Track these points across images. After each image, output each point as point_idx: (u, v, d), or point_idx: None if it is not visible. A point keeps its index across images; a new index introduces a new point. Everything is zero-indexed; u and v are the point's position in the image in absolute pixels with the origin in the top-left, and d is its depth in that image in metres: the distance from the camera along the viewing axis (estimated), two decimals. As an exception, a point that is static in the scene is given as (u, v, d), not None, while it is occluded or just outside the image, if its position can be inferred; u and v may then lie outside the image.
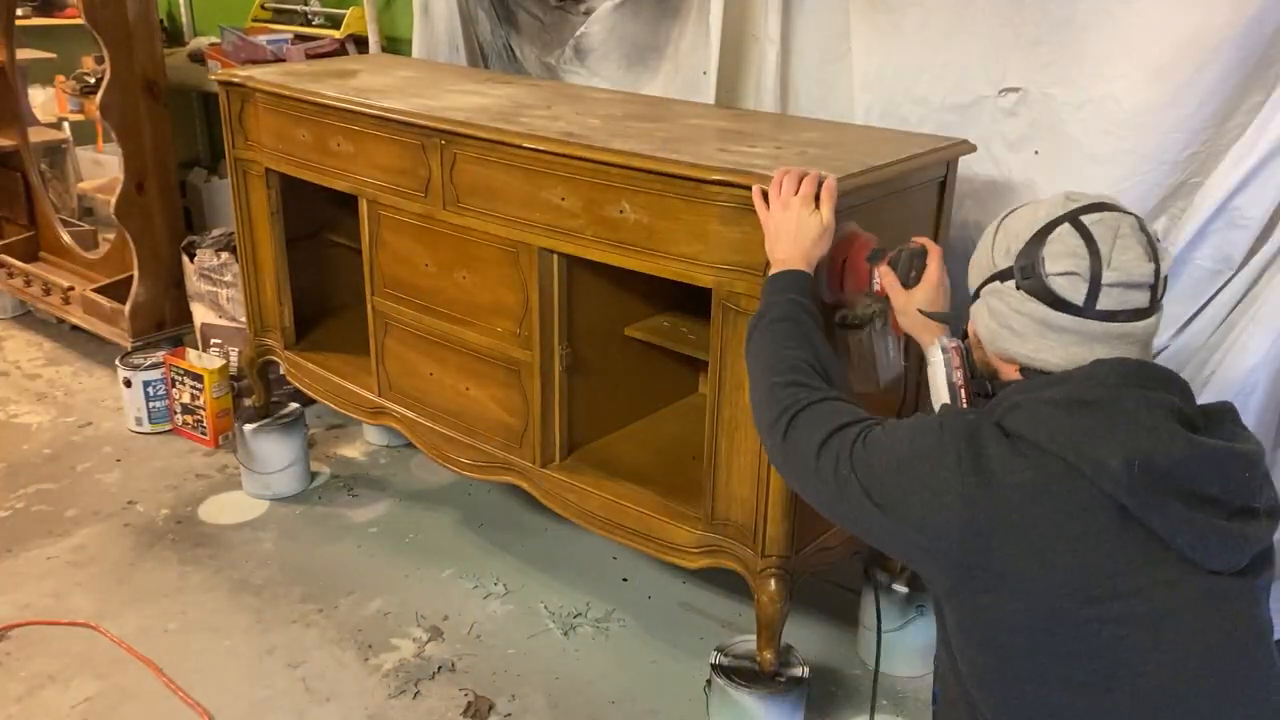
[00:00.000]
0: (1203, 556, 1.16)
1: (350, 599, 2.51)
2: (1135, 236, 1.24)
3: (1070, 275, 1.23)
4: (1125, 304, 1.23)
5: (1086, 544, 1.16)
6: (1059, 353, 1.25)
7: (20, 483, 2.99)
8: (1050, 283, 1.24)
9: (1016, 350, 1.29)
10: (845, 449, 1.32)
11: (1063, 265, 1.23)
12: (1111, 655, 1.15)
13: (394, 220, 2.33)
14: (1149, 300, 1.24)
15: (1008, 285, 1.29)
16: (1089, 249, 1.23)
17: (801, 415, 1.41)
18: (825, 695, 2.22)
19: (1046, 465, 1.17)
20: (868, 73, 2.38)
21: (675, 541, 2.05)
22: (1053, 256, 1.24)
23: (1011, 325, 1.28)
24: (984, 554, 1.18)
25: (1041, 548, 1.16)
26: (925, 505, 1.22)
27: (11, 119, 3.85)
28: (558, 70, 2.98)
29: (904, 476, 1.25)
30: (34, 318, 4.10)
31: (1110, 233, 1.24)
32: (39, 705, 2.18)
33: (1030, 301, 1.26)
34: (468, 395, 2.32)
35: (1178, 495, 1.15)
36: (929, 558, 1.24)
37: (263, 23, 3.89)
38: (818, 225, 1.63)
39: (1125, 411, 1.18)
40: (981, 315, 1.34)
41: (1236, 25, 1.85)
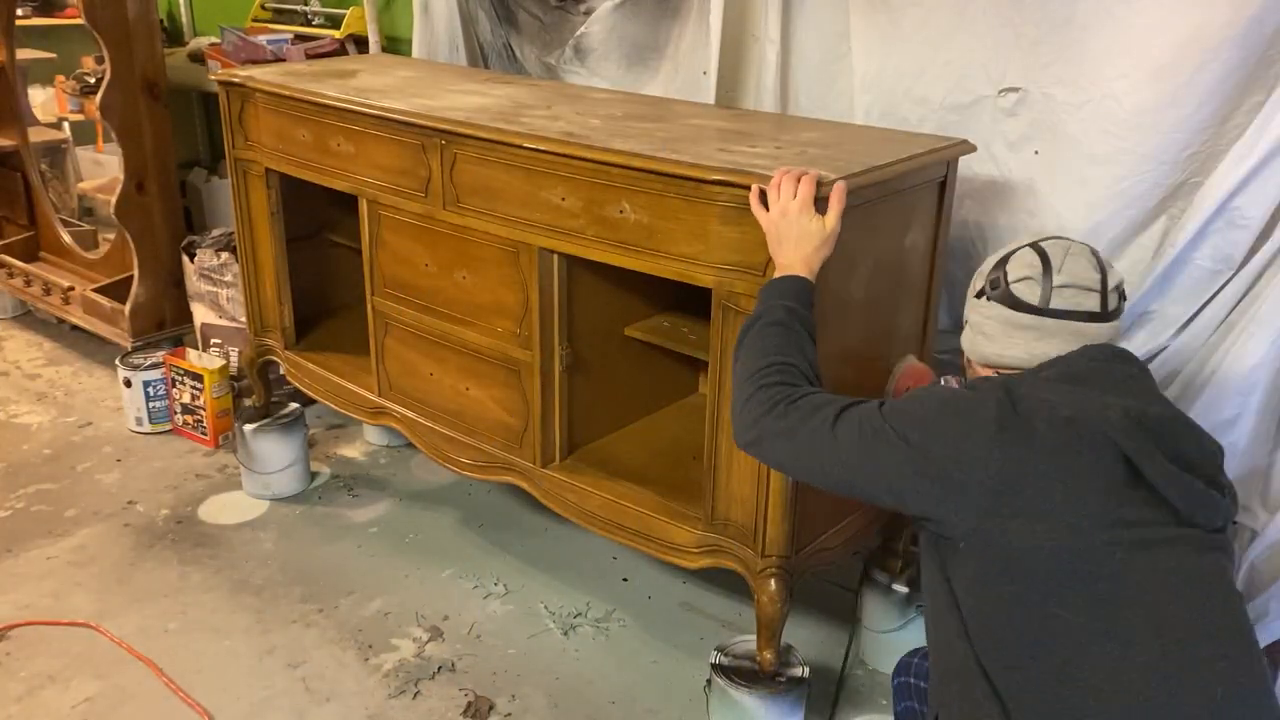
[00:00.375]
0: (1186, 508, 1.31)
1: (350, 599, 2.51)
2: (1084, 254, 1.48)
3: (1027, 280, 1.46)
4: (1077, 305, 1.44)
5: (1100, 477, 1.30)
6: (1023, 349, 1.46)
7: (20, 483, 2.99)
8: (1012, 289, 1.48)
9: (989, 351, 1.51)
10: (872, 410, 1.43)
11: (1021, 273, 1.48)
12: (1122, 576, 1.28)
13: (394, 220, 2.33)
14: (1100, 305, 1.45)
15: (981, 300, 1.52)
16: (1042, 260, 1.47)
17: (799, 402, 1.49)
18: (825, 695, 2.22)
19: (1059, 414, 1.33)
20: (868, 73, 2.38)
21: (675, 541, 2.05)
22: (1013, 268, 1.49)
23: (985, 330, 1.51)
24: (1018, 479, 1.30)
25: (1066, 475, 1.30)
26: (965, 438, 1.34)
27: (11, 119, 3.85)
28: (558, 70, 2.98)
29: (947, 415, 1.38)
30: (34, 318, 4.11)
31: (1062, 249, 1.48)
32: (39, 705, 2.18)
33: (997, 307, 1.49)
34: (468, 395, 2.32)
35: (1164, 450, 1.30)
36: (960, 492, 1.33)
37: (263, 23, 3.89)
38: (819, 232, 1.65)
39: (1114, 380, 1.39)
40: (966, 332, 1.56)
41: (1236, 25, 1.85)
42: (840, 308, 1.85)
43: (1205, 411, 1.97)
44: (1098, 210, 2.10)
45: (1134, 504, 1.30)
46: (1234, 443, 1.96)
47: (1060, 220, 2.15)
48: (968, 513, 1.33)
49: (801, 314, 1.61)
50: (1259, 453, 2.00)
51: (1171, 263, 2.03)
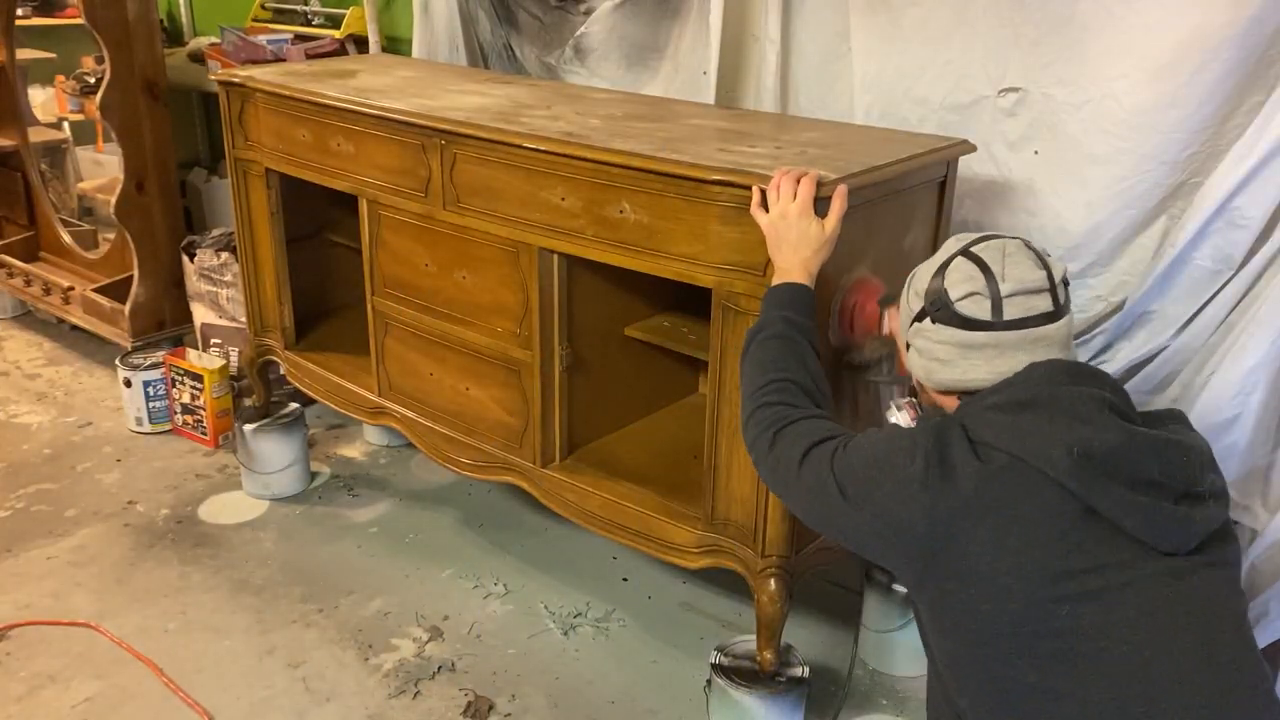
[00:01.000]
0: (1151, 537, 1.23)
1: (350, 599, 2.51)
2: (1022, 253, 1.39)
3: (973, 295, 1.37)
4: (1030, 310, 1.35)
5: (1041, 529, 1.23)
6: (984, 369, 1.37)
7: (20, 483, 2.99)
8: (958, 308, 1.38)
9: (947, 378, 1.41)
10: (826, 457, 1.41)
11: (964, 289, 1.37)
12: (1071, 633, 1.21)
13: (394, 220, 2.33)
14: (1052, 304, 1.36)
15: (925, 323, 1.42)
16: (982, 270, 1.37)
17: (785, 431, 1.49)
18: (825, 695, 2.22)
19: (998, 459, 1.27)
20: (868, 73, 2.38)
21: (675, 541, 2.05)
22: (953, 285, 1.39)
23: (938, 356, 1.41)
24: (946, 541, 1.26)
25: (999, 534, 1.24)
26: (893, 498, 1.30)
27: (11, 119, 3.85)
28: (558, 70, 2.98)
29: (876, 472, 1.34)
30: (34, 318, 4.10)
31: (998, 253, 1.38)
32: (39, 705, 2.18)
33: (946, 329, 1.39)
34: (468, 395, 2.32)
35: (1119, 479, 1.23)
36: (896, 550, 1.32)
37: (263, 23, 3.89)
38: (819, 235, 1.65)
39: (1061, 405, 1.28)
40: (914, 359, 1.47)
41: (1236, 25, 1.85)
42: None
43: (1205, 411, 1.97)
44: (1098, 210, 2.10)
45: (1088, 546, 1.22)
46: (1234, 443, 1.96)
47: (1060, 220, 2.15)
48: (906, 572, 1.32)
49: (800, 323, 1.61)
50: (1259, 453, 1.99)
51: (1171, 263, 2.03)
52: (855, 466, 1.37)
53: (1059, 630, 1.21)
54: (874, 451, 1.37)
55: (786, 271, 1.66)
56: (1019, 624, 1.22)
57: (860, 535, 1.36)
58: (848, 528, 1.38)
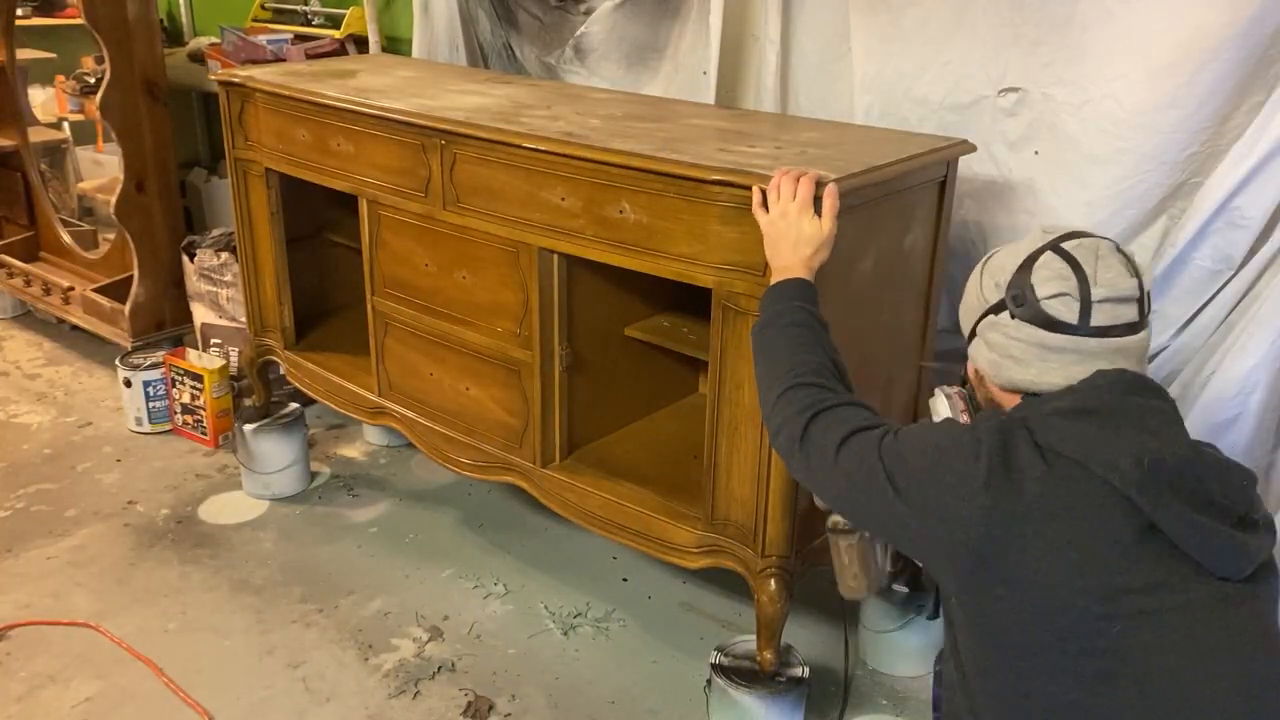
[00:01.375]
0: (1209, 560, 1.18)
1: (350, 599, 2.51)
2: (1115, 256, 1.31)
3: (1062, 296, 1.29)
4: (1117, 319, 1.28)
5: (1100, 541, 1.18)
6: (1060, 373, 1.30)
7: (20, 483, 2.99)
8: (1044, 306, 1.30)
9: (1019, 377, 1.33)
10: (872, 444, 1.35)
11: (1053, 288, 1.29)
12: (1118, 651, 1.17)
13: (394, 220, 2.33)
14: (1138, 314, 1.30)
15: (1002, 317, 1.34)
16: (1074, 271, 1.29)
17: (822, 416, 1.43)
18: (825, 695, 2.22)
19: (1062, 466, 1.21)
20: (868, 73, 2.38)
21: (675, 541, 2.05)
22: (1041, 282, 1.30)
23: (1012, 354, 1.33)
24: (1002, 546, 1.20)
25: (1058, 543, 1.18)
26: (951, 494, 1.24)
27: (11, 119, 3.85)
28: (558, 70, 2.98)
29: (933, 465, 1.27)
30: (34, 318, 4.10)
31: (1091, 254, 1.30)
32: (39, 705, 2.18)
33: (1026, 327, 1.31)
34: (468, 395, 2.32)
35: (1183, 497, 1.18)
36: (945, 550, 1.26)
37: (263, 23, 3.89)
38: (817, 234, 1.63)
39: (1130, 416, 1.23)
40: (981, 351, 1.39)
41: (1236, 25, 1.86)
42: (840, 307, 1.85)
43: (1205, 412, 1.97)
44: (1098, 210, 2.10)
45: (1145, 563, 1.18)
46: (1234, 443, 1.96)
47: (1060, 220, 2.15)
48: (952, 571, 1.26)
49: (817, 314, 1.59)
50: (1259, 453, 2.00)
51: (1172, 263, 2.03)
52: (908, 457, 1.30)
53: (1106, 649, 1.17)
54: (931, 443, 1.30)
55: (788, 269, 1.64)
56: (1067, 638, 1.18)
57: (904, 529, 1.30)
58: (891, 520, 1.31)
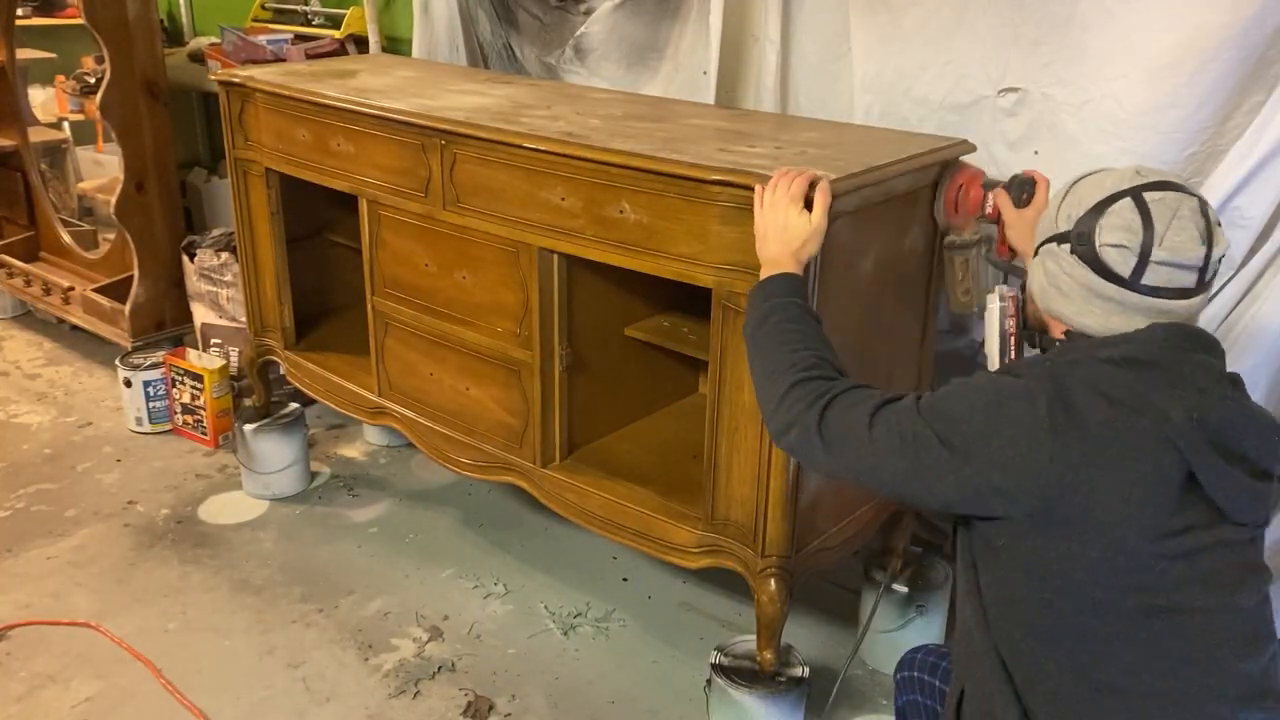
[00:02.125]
0: (1233, 509, 1.24)
1: (350, 599, 2.51)
2: (1193, 219, 1.28)
3: (1121, 248, 1.27)
4: (1171, 282, 1.27)
5: (1156, 484, 1.22)
6: (1099, 319, 1.31)
7: (20, 483, 2.99)
8: (1101, 252, 1.29)
9: (1061, 309, 1.34)
10: (908, 412, 1.34)
11: (1116, 238, 1.28)
12: (1158, 588, 1.24)
13: (394, 220, 2.33)
14: (1196, 282, 1.28)
15: (1063, 248, 1.33)
16: (1144, 225, 1.27)
17: (837, 401, 1.42)
18: (825, 695, 2.21)
19: (1122, 411, 1.24)
20: (868, 73, 2.38)
21: (675, 541, 2.05)
22: (1109, 228, 1.29)
23: (1060, 286, 1.34)
24: (1071, 488, 1.23)
25: (1121, 484, 1.22)
26: (1015, 444, 1.25)
27: (11, 119, 3.85)
28: (558, 70, 2.98)
29: (990, 418, 1.28)
30: (34, 318, 4.10)
31: (1169, 212, 1.28)
32: (39, 705, 2.18)
33: (1080, 267, 1.31)
34: (468, 395, 2.32)
35: (1221, 452, 1.23)
36: (1006, 499, 1.26)
37: (263, 23, 3.89)
38: (805, 227, 1.63)
39: (1181, 372, 1.25)
40: (1037, 272, 1.39)
41: (1236, 25, 1.85)
42: (840, 307, 1.85)
43: (1205, 411, 1.97)
44: (1098, 210, 2.10)
45: (1183, 509, 1.23)
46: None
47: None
48: (1015, 518, 1.27)
49: (810, 309, 1.59)
50: (1259, 452, 1.99)
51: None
52: (957, 415, 1.30)
53: (1149, 585, 1.23)
54: (979, 399, 1.30)
55: (776, 263, 1.63)
56: (1118, 574, 1.23)
57: (964, 486, 1.28)
58: (948, 480, 1.29)
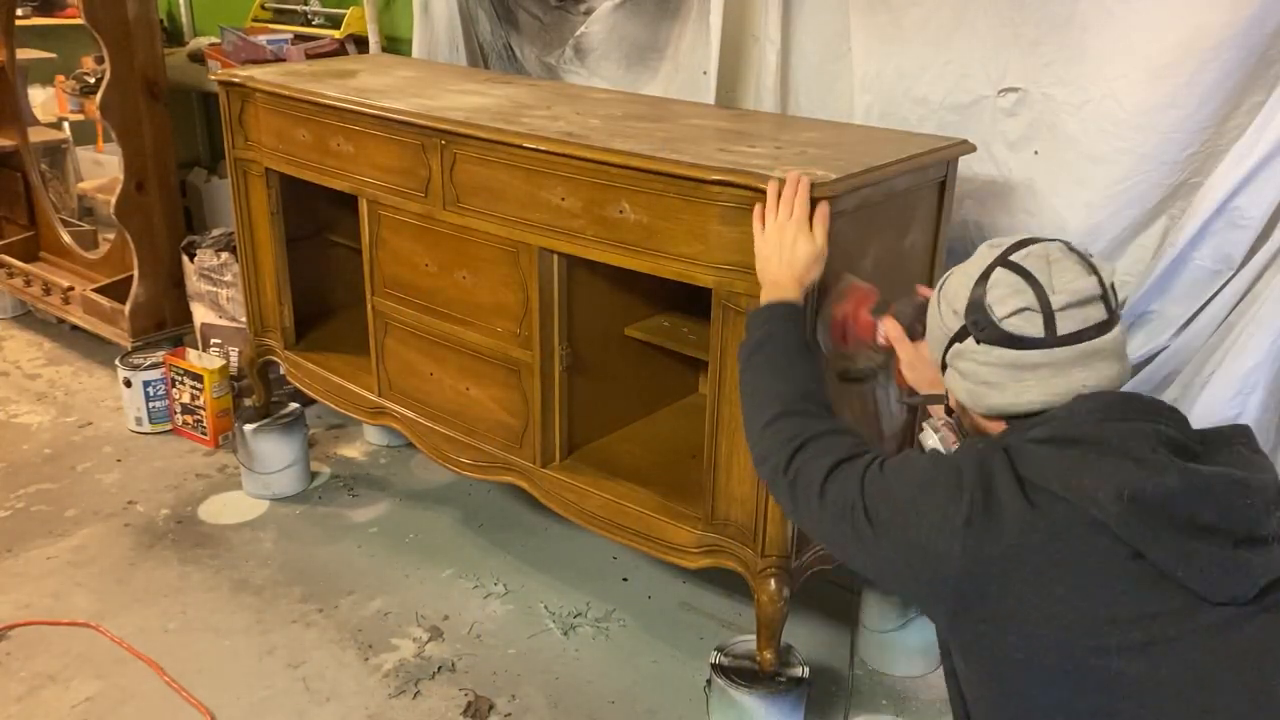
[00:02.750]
0: (1203, 587, 1.12)
1: (350, 599, 2.51)
2: (1068, 258, 1.25)
3: (1022, 312, 1.23)
4: (1085, 321, 1.22)
5: (1085, 574, 1.14)
6: (1038, 390, 1.23)
7: (20, 483, 2.99)
8: (1006, 326, 1.23)
9: (997, 402, 1.27)
10: (856, 475, 1.31)
11: (1011, 305, 1.23)
12: (1113, 688, 1.12)
13: (394, 220, 2.33)
14: (1105, 312, 1.23)
15: (968, 343, 1.28)
16: (1029, 282, 1.23)
17: (808, 446, 1.40)
18: (825, 695, 2.22)
19: (1043, 500, 1.17)
20: (868, 73, 2.38)
21: (675, 541, 2.05)
22: (999, 301, 1.24)
23: (986, 379, 1.27)
24: (983, 584, 1.16)
25: (1043, 580, 1.14)
26: (932, 530, 1.19)
27: (11, 119, 3.85)
28: (558, 70, 2.98)
29: (915, 500, 1.23)
30: (34, 318, 4.10)
31: (1043, 261, 1.24)
32: (39, 705, 2.18)
33: (994, 350, 1.25)
34: (468, 395, 2.32)
35: (1173, 525, 1.12)
36: (929, 587, 1.22)
37: (263, 23, 3.89)
38: (810, 249, 1.62)
39: (1111, 445, 1.17)
40: (955, 381, 1.32)
41: (1236, 25, 1.86)
42: (840, 308, 1.85)
43: (1205, 412, 1.97)
44: (1098, 210, 2.10)
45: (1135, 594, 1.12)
46: (1234, 443, 1.96)
47: (1060, 220, 2.15)
48: (938, 611, 1.23)
49: (802, 335, 1.58)
50: (1259, 453, 1.99)
51: (1172, 263, 2.03)
52: (893, 492, 1.26)
53: (1100, 685, 1.12)
54: (914, 478, 1.26)
55: (779, 286, 1.61)
56: (1058, 676, 1.14)
57: (890, 567, 1.26)
58: (875, 555, 1.27)
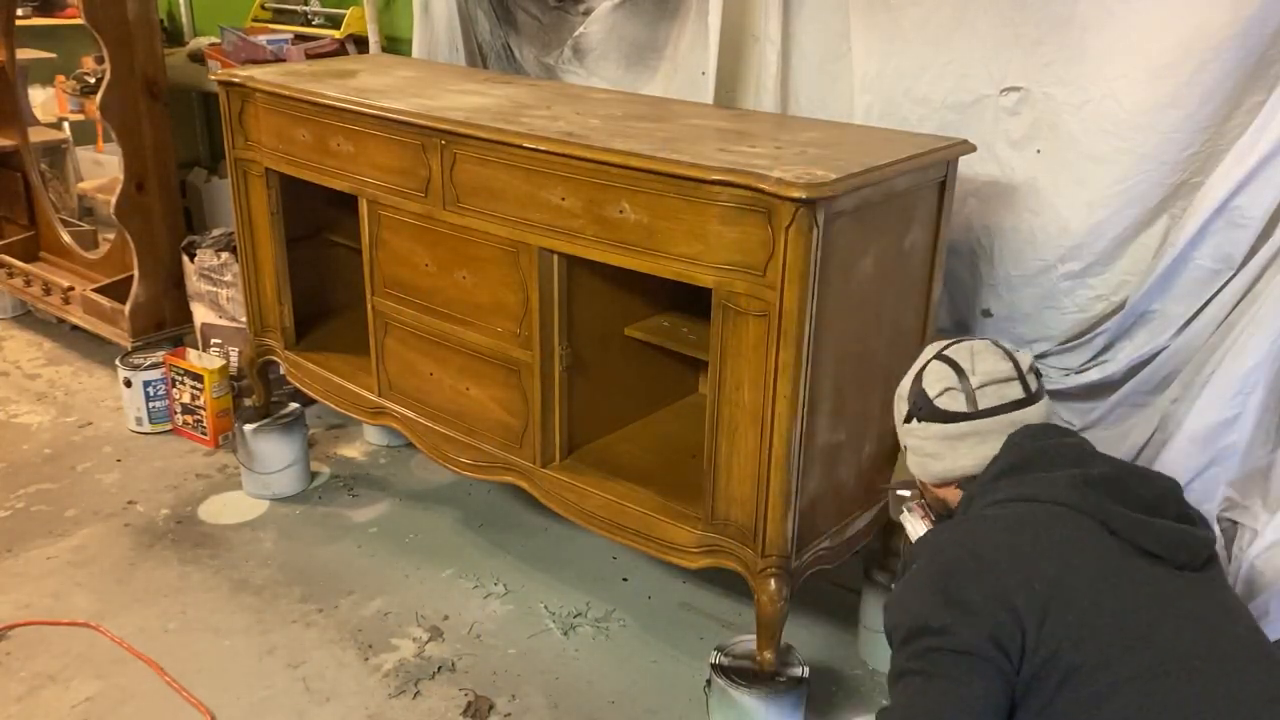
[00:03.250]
0: (1167, 550, 1.33)
1: (350, 599, 2.51)
2: (989, 349, 1.57)
3: (949, 391, 1.55)
4: (1003, 397, 1.52)
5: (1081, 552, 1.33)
6: (969, 456, 1.53)
7: (20, 483, 2.99)
8: (938, 404, 1.55)
9: (939, 468, 1.57)
10: (899, 668, 1.41)
11: (939, 387, 1.56)
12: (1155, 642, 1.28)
13: (394, 220, 2.33)
14: (1023, 390, 1.53)
15: (913, 424, 1.59)
16: (954, 369, 1.56)
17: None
18: (825, 695, 2.22)
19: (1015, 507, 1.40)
20: (868, 72, 2.38)
21: (675, 541, 2.05)
22: (932, 385, 1.57)
23: (928, 451, 1.57)
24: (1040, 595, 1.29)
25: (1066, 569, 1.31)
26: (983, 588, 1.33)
27: (11, 119, 3.85)
28: (557, 70, 2.98)
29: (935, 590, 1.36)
30: (34, 318, 4.10)
31: (967, 352, 1.57)
32: (39, 705, 2.18)
33: (931, 426, 1.56)
34: (468, 395, 2.32)
35: (1120, 501, 1.35)
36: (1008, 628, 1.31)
37: (263, 23, 3.89)
38: None
39: (1050, 455, 1.45)
40: (910, 459, 1.63)
41: (1236, 25, 1.86)
42: (840, 307, 1.85)
43: (1205, 411, 1.97)
44: (1099, 210, 2.10)
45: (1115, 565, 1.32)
46: (1234, 443, 1.96)
47: (1062, 219, 2.16)
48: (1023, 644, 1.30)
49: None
50: (1259, 453, 2.00)
51: (1172, 262, 2.03)
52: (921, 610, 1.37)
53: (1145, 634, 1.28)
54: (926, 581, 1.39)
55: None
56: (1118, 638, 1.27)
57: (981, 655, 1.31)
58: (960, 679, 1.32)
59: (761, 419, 1.84)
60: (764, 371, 1.81)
